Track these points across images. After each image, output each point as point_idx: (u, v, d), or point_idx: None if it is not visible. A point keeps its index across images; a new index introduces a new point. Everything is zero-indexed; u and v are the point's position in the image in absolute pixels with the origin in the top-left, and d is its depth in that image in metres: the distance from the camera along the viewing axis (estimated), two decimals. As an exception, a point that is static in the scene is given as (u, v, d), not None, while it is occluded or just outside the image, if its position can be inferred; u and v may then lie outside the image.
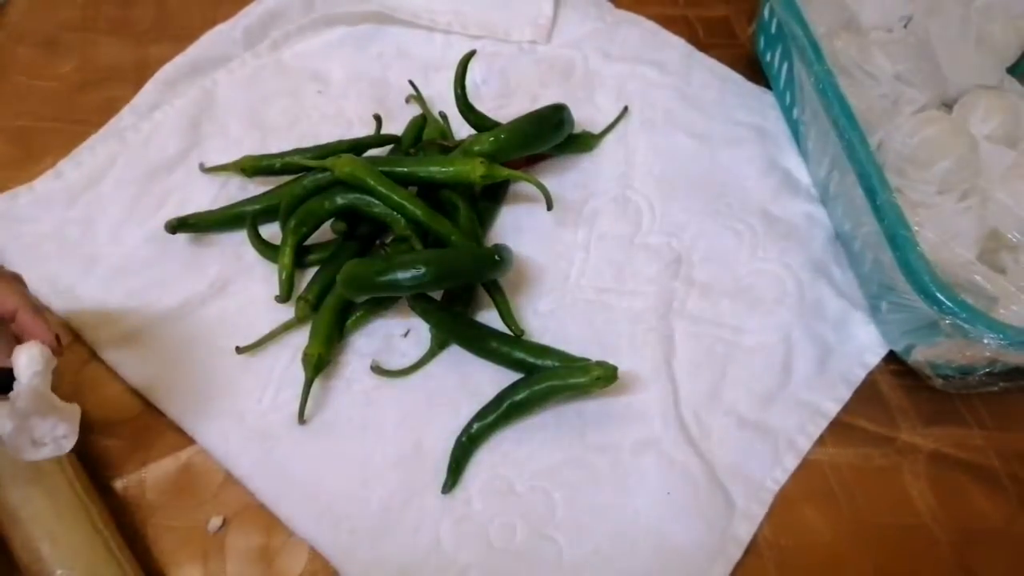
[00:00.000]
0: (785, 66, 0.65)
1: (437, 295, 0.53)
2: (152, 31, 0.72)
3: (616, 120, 0.65)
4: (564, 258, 0.58)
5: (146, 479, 0.48)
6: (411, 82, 0.65)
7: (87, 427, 0.47)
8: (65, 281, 0.55)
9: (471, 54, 0.59)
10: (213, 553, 0.46)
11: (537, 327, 0.54)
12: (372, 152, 0.60)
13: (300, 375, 0.50)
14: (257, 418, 0.50)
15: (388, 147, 0.61)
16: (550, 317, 0.55)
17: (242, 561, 0.45)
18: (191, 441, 0.49)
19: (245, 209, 0.57)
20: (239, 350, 0.52)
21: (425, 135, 0.62)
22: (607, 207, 0.61)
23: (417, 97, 0.66)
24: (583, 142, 0.64)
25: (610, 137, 0.65)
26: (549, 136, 0.60)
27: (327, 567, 0.45)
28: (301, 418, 0.49)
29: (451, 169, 0.54)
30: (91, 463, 0.48)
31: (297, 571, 0.45)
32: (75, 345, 0.52)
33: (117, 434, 0.49)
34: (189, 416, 0.49)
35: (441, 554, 0.45)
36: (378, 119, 0.63)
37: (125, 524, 0.46)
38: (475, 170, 0.53)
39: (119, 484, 0.48)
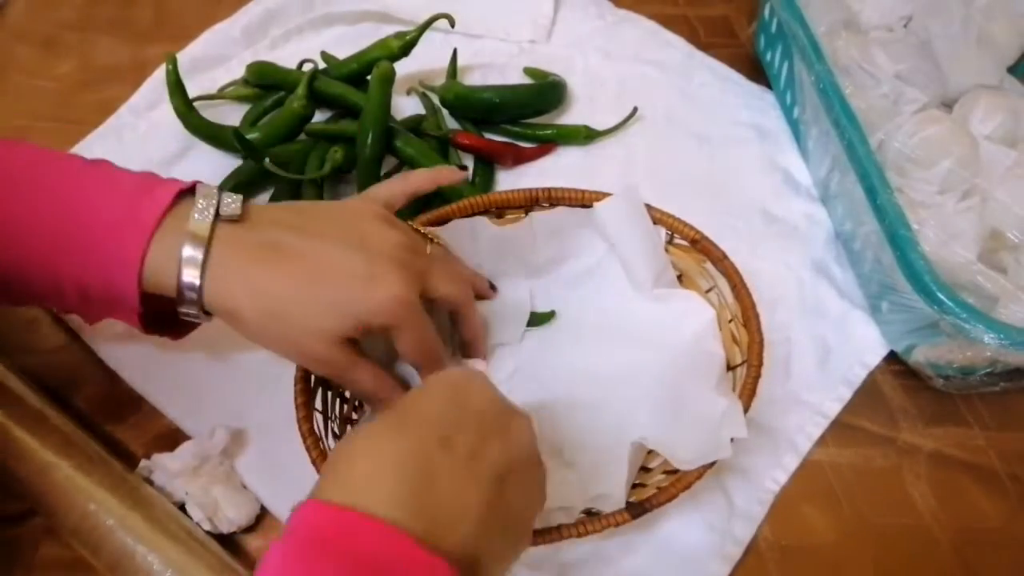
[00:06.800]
0: (785, 66, 0.65)
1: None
2: (151, 31, 0.72)
3: (625, 120, 0.65)
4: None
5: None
6: (423, 85, 0.66)
7: (87, 427, 0.47)
8: (64, 281, 0.54)
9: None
10: (212, 553, 0.45)
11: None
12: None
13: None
14: (255, 417, 0.50)
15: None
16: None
17: (242, 560, 0.45)
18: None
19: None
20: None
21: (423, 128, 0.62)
22: (607, 207, 0.61)
23: (423, 94, 0.66)
24: (583, 133, 0.64)
25: (610, 137, 0.65)
26: (530, 98, 0.65)
27: (326, 567, 0.45)
28: None
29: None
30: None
31: (296, 571, 0.45)
32: (75, 345, 0.52)
33: (117, 433, 0.49)
34: (188, 416, 0.49)
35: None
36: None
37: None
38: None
39: (118, 484, 0.47)
